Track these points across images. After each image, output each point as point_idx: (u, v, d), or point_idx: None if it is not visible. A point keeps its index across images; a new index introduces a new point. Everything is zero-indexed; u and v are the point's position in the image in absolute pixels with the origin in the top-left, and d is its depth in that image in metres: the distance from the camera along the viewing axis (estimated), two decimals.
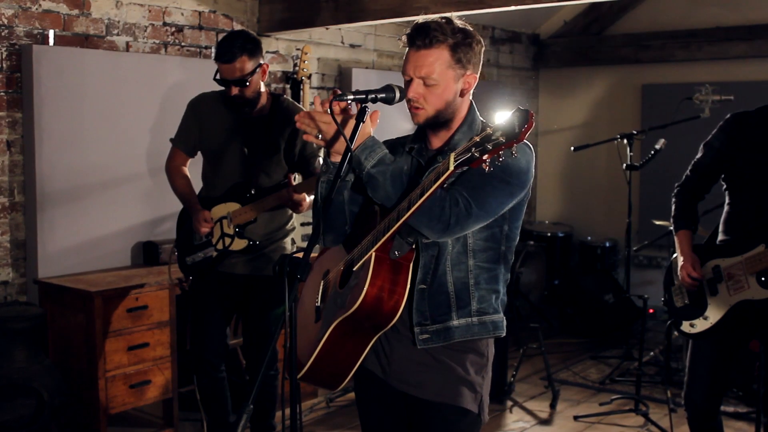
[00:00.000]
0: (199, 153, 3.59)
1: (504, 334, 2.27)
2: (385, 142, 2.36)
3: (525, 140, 2.10)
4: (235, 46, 3.25)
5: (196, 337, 3.62)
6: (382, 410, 2.35)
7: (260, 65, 3.33)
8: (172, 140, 3.58)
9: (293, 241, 3.67)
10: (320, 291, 2.33)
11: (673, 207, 3.28)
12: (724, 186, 3.21)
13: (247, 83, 3.28)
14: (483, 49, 2.22)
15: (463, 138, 2.18)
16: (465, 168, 1.87)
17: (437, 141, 2.23)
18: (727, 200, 3.20)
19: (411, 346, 2.19)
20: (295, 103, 3.55)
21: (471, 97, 2.24)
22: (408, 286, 2.09)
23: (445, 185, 2.07)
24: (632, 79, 6.96)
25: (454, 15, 2.20)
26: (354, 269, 2.14)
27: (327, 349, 2.16)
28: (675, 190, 3.29)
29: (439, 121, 2.17)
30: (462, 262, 2.16)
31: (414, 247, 2.11)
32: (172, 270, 3.78)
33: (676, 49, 6.62)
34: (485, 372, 2.24)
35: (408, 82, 2.15)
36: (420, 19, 2.19)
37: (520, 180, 2.10)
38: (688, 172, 3.27)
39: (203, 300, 3.58)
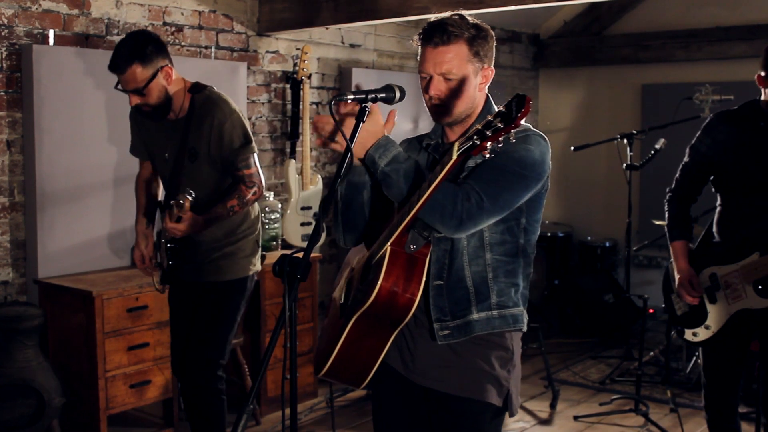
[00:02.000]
0: None
1: (525, 329, 2.28)
2: (403, 141, 2.39)
3: (540, 132, 2.16)
4: (123, 56, 3.04)
5: (172, 350, 3.55)
6: (400, 407, 2.35)
7: (161, 69, 3.10)
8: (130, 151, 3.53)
9: (257, 245, 3.43)
10: (344, 289, 2.34)
11: (666, 215, 3.28)
12: (713, 188, 3.20)
13: (144, 92, 3.08)
14: (495, 43, 2.24)
15: None
16: (469, 157, 1.89)
17: (454, 136, 2.25)
18: (718, 201, 3.19)
19: (435, 341, 2.20)
20: (213, 93, 3.24)
21: (486, 91, 2.26)
22: (423, 280, 2.10)
23: (459, 180, 2.09)
24: (632, 79, 6.96)
25: (464, 12, 2.23)
26: (372, 264, 2.16)
27: (348, 346, 2.17)
28: (667, 197, 3.29)
29: (461, 117, 2.19)
30: (479, 256, 2.17)
31: (429, 241, 2.12)
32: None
33: (676, 49, 6.62)
34: (511, 365, 2.24)
35: (427, 81, 2.16)
36: (431, 18, 2.21)
37: (535, 172, 2.11)
38: (677, 176, 3.26)
39: (171, 310, 3.52)
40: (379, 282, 2.05)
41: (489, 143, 1.81)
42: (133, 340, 3.87)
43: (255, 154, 3.26)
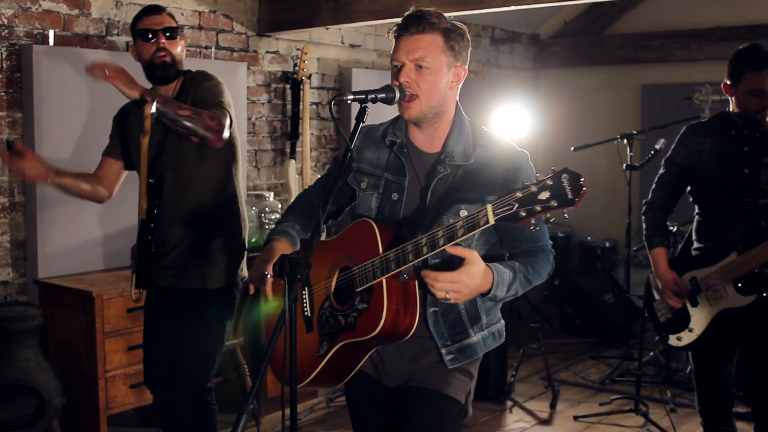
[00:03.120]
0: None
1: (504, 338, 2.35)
2: (361, 131, 2.27)
3: (521, 149, 2.22)
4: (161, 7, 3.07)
5: (146, 364, 3.27)
6: (374, 410, 2.37)
7: (182, 37, 3.09)
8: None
9: (243, 248, 3.17)
10: (307, 299, 2.29)
11: (644, 225, 3.38)
12: (691, 198, 3.30)
13: (177, 36, 3.02)
14: (470, 48, 2.24)
15: (457, 143, 2.18)
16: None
17: (425, 141, 2.23)
18: (696, 210, 3.29)
19: (402, 342, 2.18)
20: (196, 72, 3.13)
21: (457, 97, 2.25)
22: (419, 301, 2.11)
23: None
24: (632, 79, 6.96)
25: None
26: (357, 290, 2.13)
27: (329, 364, 2.19)
28: (643, 208, 3.41)
29: (430, 115, 2.17)
30: None
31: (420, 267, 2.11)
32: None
33: (676, 49, 6.62)
34: (476, 362, 2.28)
35: (398, 69, 2.14)
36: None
37: None
38: (653, 188, 3.36)
39: (146, 320, 3.26)
40: (384, 315, 2.04)
41: (535, 217, 1.80)
42: (132, 340, 3.87)
43: (229, 115, 2.95)
